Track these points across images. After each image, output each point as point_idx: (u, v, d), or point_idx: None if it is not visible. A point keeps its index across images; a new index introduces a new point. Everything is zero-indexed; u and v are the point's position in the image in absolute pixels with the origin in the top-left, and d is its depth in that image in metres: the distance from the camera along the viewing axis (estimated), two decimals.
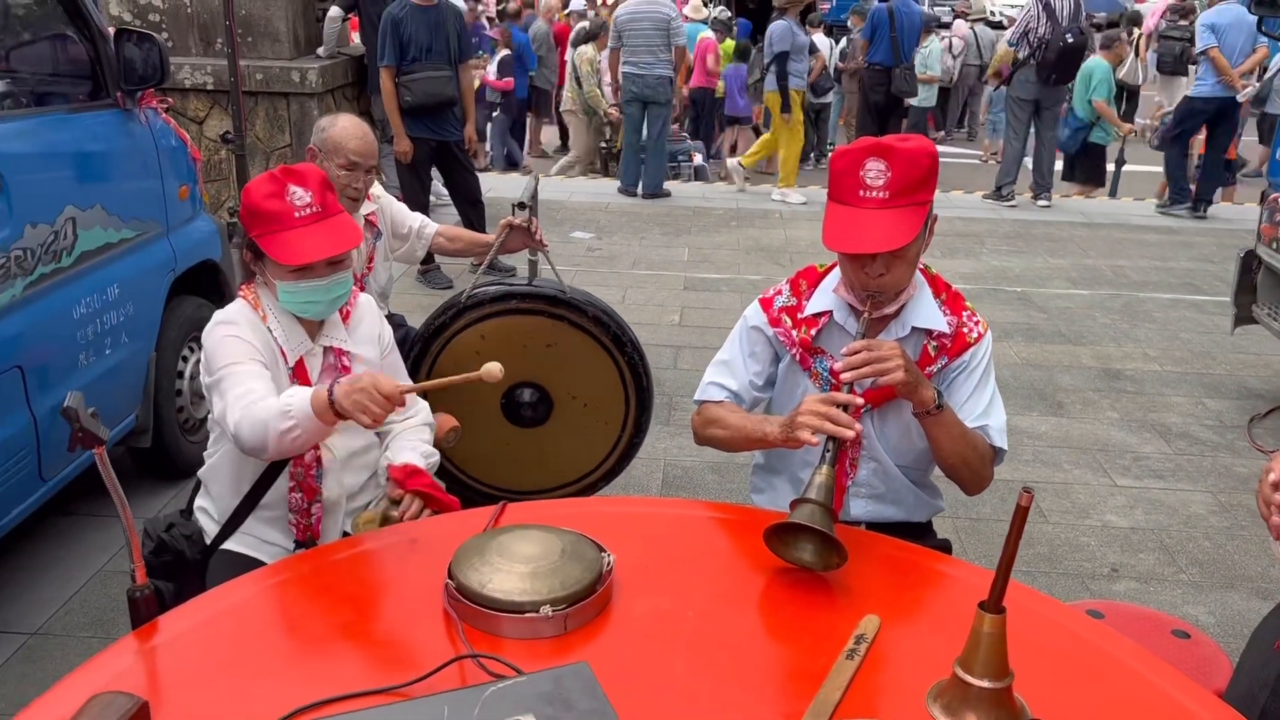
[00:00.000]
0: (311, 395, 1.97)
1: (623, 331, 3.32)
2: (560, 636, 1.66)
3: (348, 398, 1.91)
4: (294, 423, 1.99)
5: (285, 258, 2.14)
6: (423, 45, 6.20)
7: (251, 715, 1.47)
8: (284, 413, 1.99)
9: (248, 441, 2.07)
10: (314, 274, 2.19)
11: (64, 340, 3.19)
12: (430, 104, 6.22)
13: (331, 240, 2.17)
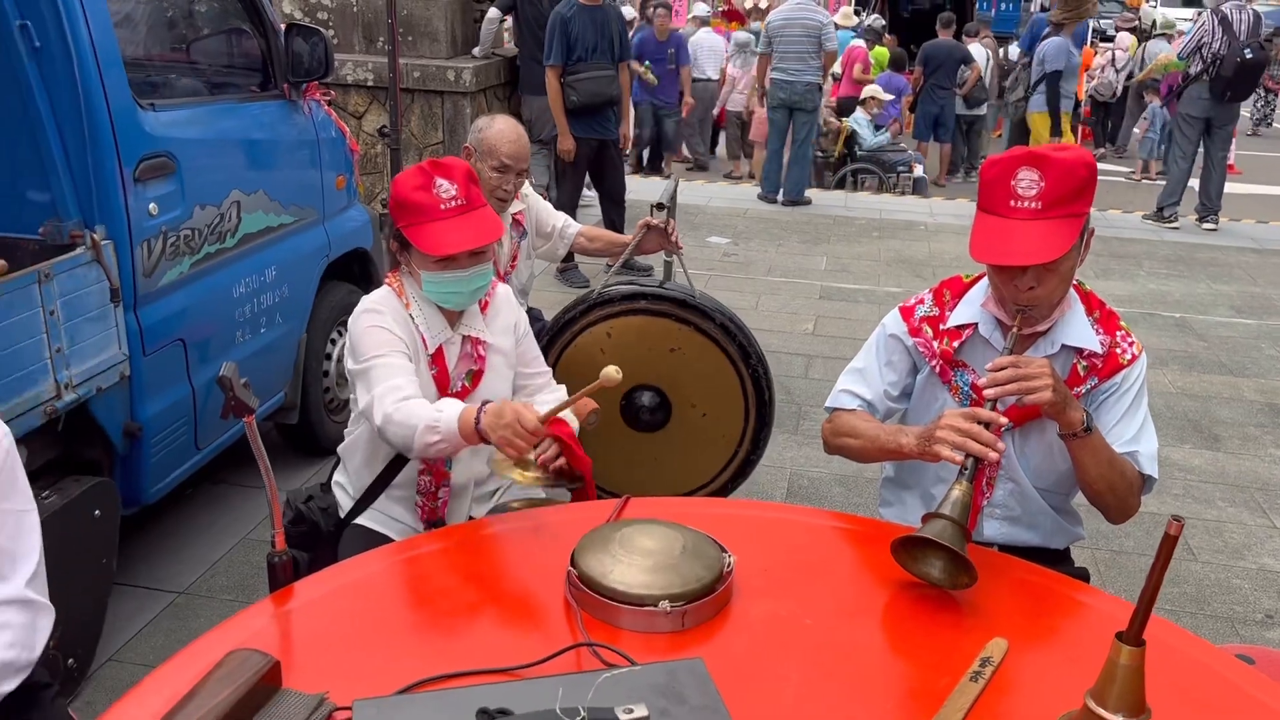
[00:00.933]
0: (460, 417, 2.04)
1: (749, 343, 3.28)
2: (677, 633, 1.66)
3: (494, 430, 1.97)
4: (440, 438, 2.07)
5: (430, 248, 2.21)
6: (589, 45, 6.34)
7: (373, 682, 1.51)
8: (431, 426, 2.06)
9: (392, 440, 2.16)
10: (457, 265, 2.25)
11: (223, 317, 3.37)
12: (595, 103, 6.37)
13: (474, 233, 2.23)
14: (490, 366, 2.40)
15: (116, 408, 2.91)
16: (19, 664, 1.64)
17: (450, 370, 2.34)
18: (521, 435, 1.95)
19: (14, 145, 2.71)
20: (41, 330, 2.55)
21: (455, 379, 2.34)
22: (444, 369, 2.33)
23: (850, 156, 10.71)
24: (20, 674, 1.65)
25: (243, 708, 1.41)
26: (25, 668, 1.66)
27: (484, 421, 1.99)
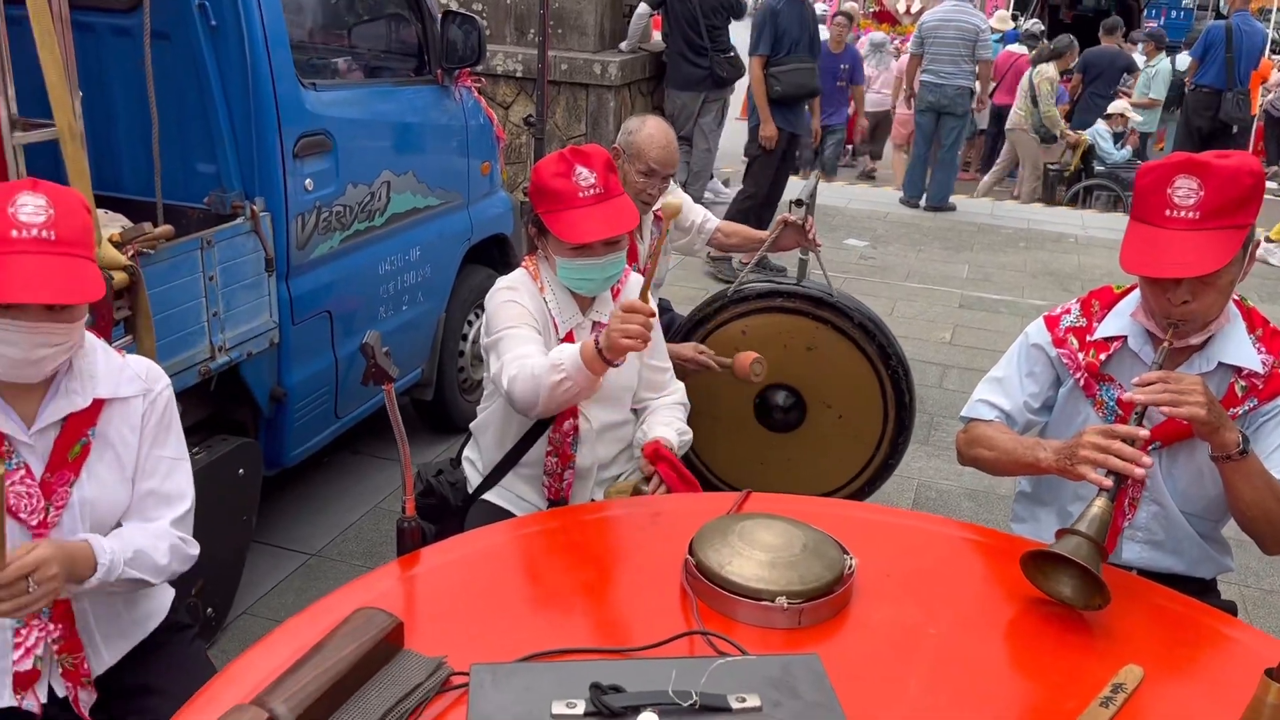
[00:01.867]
0: (580, 346, 2.08)
1: (889, 343, 3.21)
2: (792, 630, 1.64)
3: (608, 335, 2.00)
4: (564, 374, 2.08)
5: (566, 235, 2.24)
6: (794, 38, 6.46)
7: (489, 650, 1.54)
8: (555, 365, 2.10)
9: (520, 397, 2.18)
10: (591, 253, 2.27)
11: (368, 293, 3.49)
12: (797, 95, 6.51)
13: (610, 222, 2.24)
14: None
15: (265, 372, 3.05)
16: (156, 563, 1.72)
17: None
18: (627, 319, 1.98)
19: (187, 119, 2.87)
20: (201, 294, 2.69)
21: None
22: None
23: (1086, 171, 10.11)
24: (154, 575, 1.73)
25: (366, 664, 1.45)
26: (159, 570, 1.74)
27: (603, 338, 2.02)
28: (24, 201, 1.53)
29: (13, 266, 1.51)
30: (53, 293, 1.53)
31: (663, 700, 1.11)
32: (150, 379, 1.77)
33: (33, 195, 1.55)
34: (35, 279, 1.52)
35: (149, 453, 1.76)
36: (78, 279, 1.56)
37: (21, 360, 1.56)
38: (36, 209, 1.53)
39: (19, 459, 1.62)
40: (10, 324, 1.54)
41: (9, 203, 1.53)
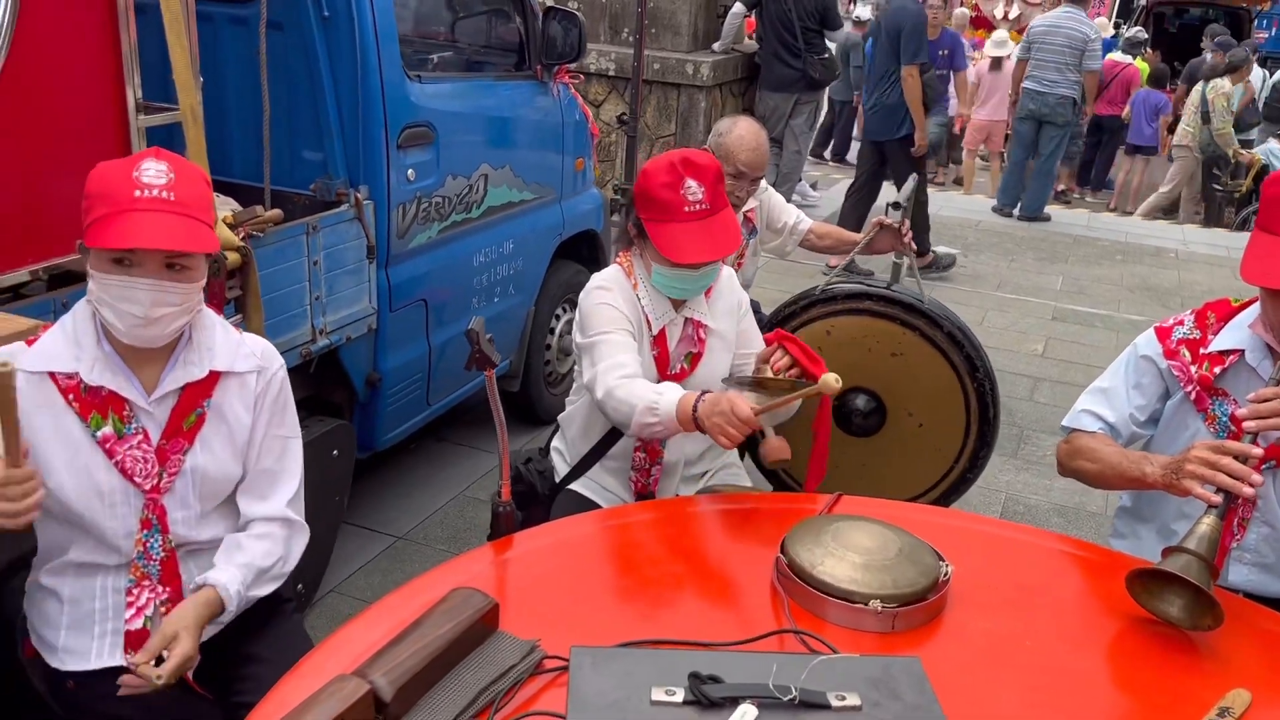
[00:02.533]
0: (678, 403, 2.03)
1: (978, 355, 3.13)
2: (885, 634, 1.62)
3: (709, 418, 1.97)
4: (657, 420, 2.07)
5: (668, 253, 2.22)
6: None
7: (581, 635, 1.55)
8: (650, 408, 2.07)
9: (611, 415, 2.19)
10: (689, 266, 2.26)
11: (462, 284, 3.55)
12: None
13: (712, 244, 2.22)
14: (709, 350, 2.41)
15: (362, 357, 3.12)
16: (274, 572, 1.79)
17: (671, 351, 2.37)
18: (734, 424, 1.94)
19: (296, 108, 2.96)
20: (305, 278, 2.76)
21: (675, 360, 2.37)
22: (665, 350, 2.37)
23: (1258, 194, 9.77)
24: (276, 581, 1.80)
25: (462, 643, 1.48)
26: (280, 577, 1.81)
27: (700, 409, 1.99)
28: (147, 166, 1.62)
29: (133, 220, 1.58)
30: (169, 241, 1.59)
31: (763, 694, 1.11)
32: (266, 358, 1.83)
33: (155, 161, 1.63)
34: (155, 229, 1.58)
35: (265, 431, 1.82)
36: (194, 233, 1.62)
37: (143, 318, 1.63)
38: (158, 172, 1.61)
39: (138, 424, 1.69)
40: (131, 280, 1.60)
41: (134, 168, 1.62)
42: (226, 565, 1.75)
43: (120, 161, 1.65)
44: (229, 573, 1.73)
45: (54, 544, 1.73)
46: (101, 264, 1.61)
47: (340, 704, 1.29)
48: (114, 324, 1.63)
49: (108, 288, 1.61)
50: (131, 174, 1.60)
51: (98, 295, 1.62)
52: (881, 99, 6.58)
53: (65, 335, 1.69)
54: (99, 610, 1.72)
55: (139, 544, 1.71)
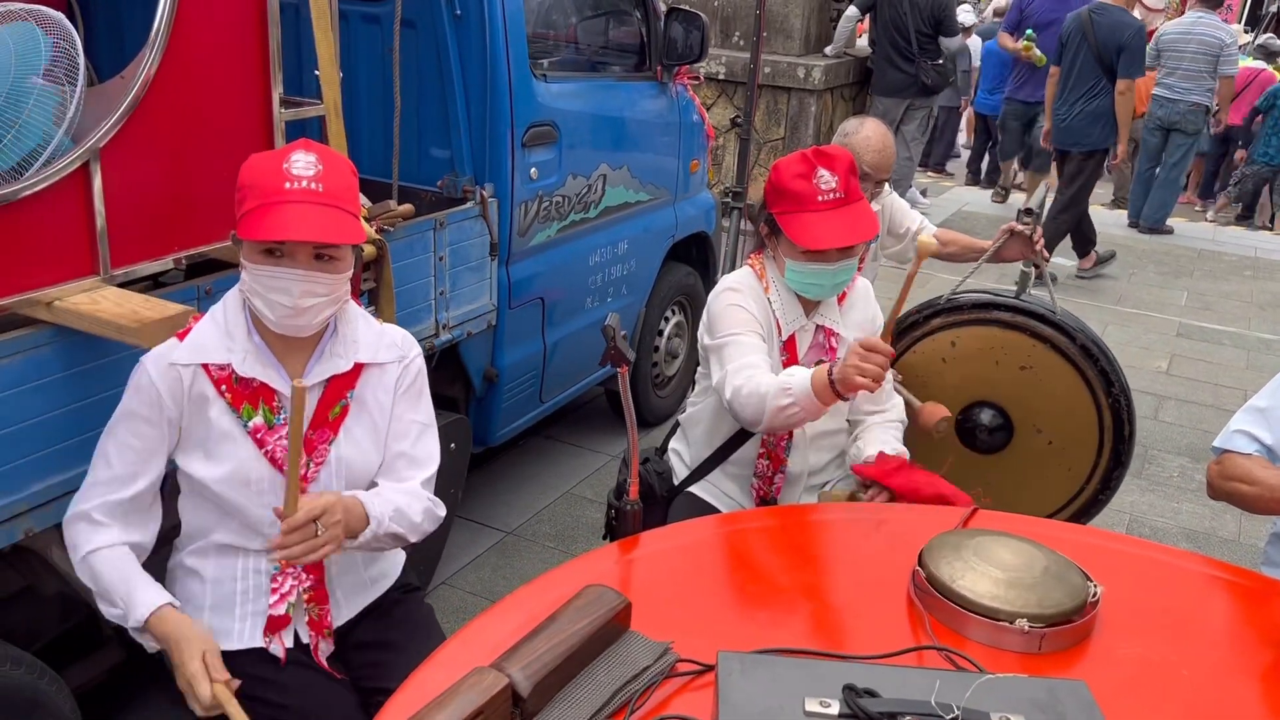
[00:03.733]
0: (812, 375, 2.00)
1: (1113, 369, 3.00)
2: (1031, 655, 1.55)
3: (842, 369, 1.93)
4: (792, 400, 2.02)
5: (802, 240, 2.18)
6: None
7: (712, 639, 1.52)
8: (783, 389, 2.02)
9: (742, 412, 2.14)
10: (824, 258, 2.21)
11: (578, 283, 3.56)
12: None
13: (848, 229, 2.17)
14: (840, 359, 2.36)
15: (480, 353, 3.15)
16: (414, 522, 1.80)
17: (800, 358, 2.33)
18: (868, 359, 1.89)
19: (425, 105, 3.00)
20: (431, 273, 2.80)
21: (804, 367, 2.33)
22: (794, 356, 2.32)
23: None
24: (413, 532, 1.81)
25: (595, 641, 1.46)
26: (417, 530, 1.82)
27: (836, 371, 1.94)
28: (297, 157, 1.65)
29: (283, 212, 1.61)
30: (317, 233, 1.62)
31: (924, 710, 1.06)
32: (406, 346, 1.85)
33: (305, 153, 1.66)
34: (304, 221, 1.61)
35: (402, 415, 1.83)
36: (342, 225, 1.64)
37: (292, 308, 1.66)
38: (308, 164, 1.63)
39: (287, 415, 1.72)
40: (281, 271, 1.63)
41: (284, 159, 1.65)
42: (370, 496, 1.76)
43: (271, 153, 1.69)
44: (372, 497, 1.74)
45: (198, 527, 1.78)
46: (253, 255, 1.65)
47: (480, 697, 1.29)
48: (264, 313, 1.67)
49: (259, 278, 1.65)
50: (282, 166, 1.63)
51: (249, 285, 1.66)
52: (1084, 108, 6.46)
53: (217, 327, 1.72)
54: (241, 591, 1.76)
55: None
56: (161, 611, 1.64)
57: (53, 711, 2.00)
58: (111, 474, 1.69)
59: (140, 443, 1.68)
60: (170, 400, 1.67)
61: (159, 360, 1.68)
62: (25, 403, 1.82)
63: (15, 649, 1.97)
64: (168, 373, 1.67)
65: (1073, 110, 6.49)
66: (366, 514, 1.70)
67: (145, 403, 1.67)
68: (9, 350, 1.79)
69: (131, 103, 1.89)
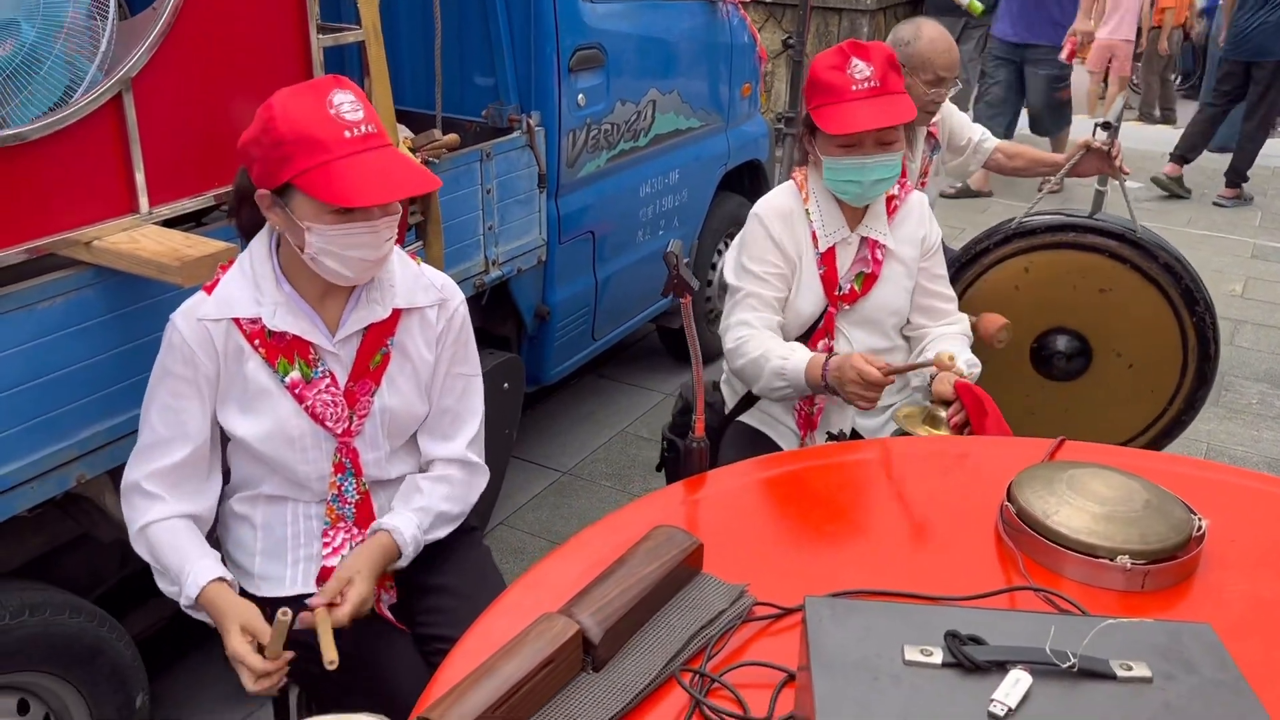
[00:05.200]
0: (807, 365, 2.04)
1: (1197, 287, 2.86)
2: (1131, 593, 1.45)
3: (842, 387, 1.98)
4: (785, 384, 2.08)
5: (833, 127, 2.08)
6: None
7: (791, 582, 1.44)
8: (778, 371, 2.07)
9: (737, 370, 2.19)
10: (860, 150, 2.10)
11: (628, 215, 3.44)
12: None
13: (881, 113, 2.07)
14: (887, 275, 2.23)
15: (531, 289, 3.06)
16: (452, 515, 1.74)
17: (840, 272, 2.21)
18: (867, 391, 1.94)
19: (468, 32, 2.88)
20: (479, 207, 2.70)
21: (844, 281, 2.21)
22: (833, 269, 2.21)
23: None
24: (451, 524, 1.75)
25: (667, 584, 1.38)
26: (456, 519, 1.76)
27: (830, 365, 2.00)
28: (340, 100, 1.51)
29: (359, 167, 1.49)
30: (406, 185, 1.53)
31: (1038, 659, 0.97)
32: (446, 290, 1.75)
33: (343, 92, 1.52)
34: (387, 177, 1.50)
35: (448, 370, 1.75)
36: (415, 170, 1.56)
37: (374, 260, 1.57)
38: (354, 105, 1.52)
39: (324, 367, 1.64)
40: (357, 228, 1.53)
41: (326, 102, 1.50)
42: (404, 510, 1.70)
43: (305, 95, 1.52)
44: (405, 518, 1.68)
45: (247, 477, 1.71)
46: (319, 214, 1.51)
47: (549, 645, 1.21)
48: (339, 272, 1.56)
49: (332, 239, 1.52)
50: (328, 112, 1.49)
51: (319, 247, 1.53)
52: (1267, 17, 6.19)
53: (245, 278, 1.62)
54: (291, 536, 1.70)
55: (333, 487, 1.67)
56: (209, 589, 1.58)
57: (114, 658, 1.98)
58: (156, 437, 1.62)
59: (180, 403, 1.60)
60: (204, 357, 1.59)
61: (188, 316, 1.59)
62: (69, 346, 1.77)
63: (75, 597, 1.95)
64: (198, 329, 1.58)
65: (1255, 19, 6.23)
66: (399, 549, 1.67)
67: (179, 360, 1.59)
68: (50, 293, 1.73)
69: (162, 30, 1.80)
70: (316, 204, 1.50)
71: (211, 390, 1.61)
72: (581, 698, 1.23)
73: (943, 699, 0.95)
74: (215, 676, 2.57)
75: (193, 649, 2.64)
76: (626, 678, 1.26)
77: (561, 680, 1.23)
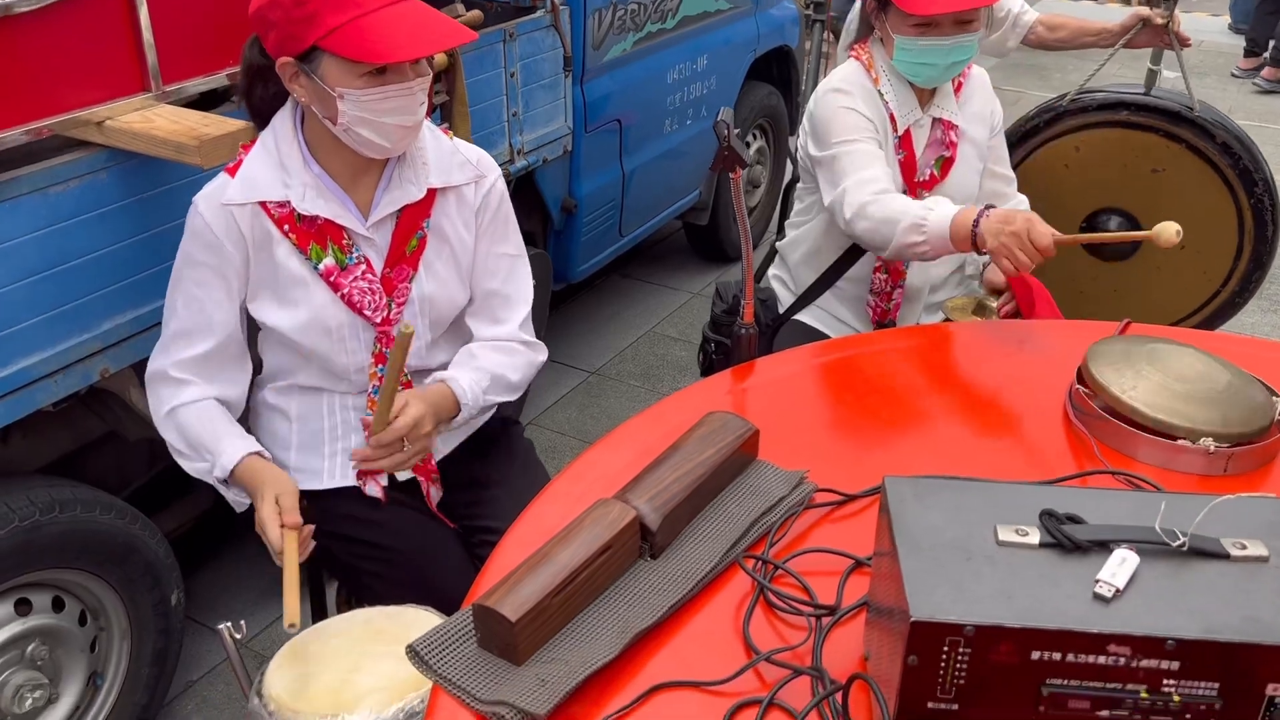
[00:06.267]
0: (953, 219, 1.77)
1: (1256, 166, 2.74)
2: (1212, 477, 1.38)
3: (995, 236, 1.71)
4: (924, 239, 1.82)
5: (915, 6, 1.92)
6: None
7: (850, 471, 1.37)
8: (917, 225, 1.82)
9: (862, 235, 1.94)
10: (939, 31, 1.95)
11: (655, 103, 3.30)
12: None
13: None
14: (961, 156, 2.11)
15: (557, 181, 2.94)
16: (512, 382, 1.66)
17: (918, 157, 2.09)
18: (1026, 250, 1.68)
19: None
20: (502, 91, 2.57)
21: (923, 166, 2.09)
22: (911, 155, 2.09)
23: None
24: (511, 392, 1.67)
25: (723, 471, 1.32)
26: (516, 388, 1.68)
27: (983, 225, 1.73)
28: None
29: (390, 20, 1.39)
30: (441, 37, 1.42)
31: (1146, 538, 0.90)
32: (482, 166, 1.65)
33: None
34: (421, 29, 1.40)
35: (489, 250, 1.65)
36: (448, 22, 1.44)
37: (411, 126, 1.47)
38: None
39: (359, 253, 1.55)
40: (393, 89, 1.42)
41: None
42: (462, 369, 1.61)
43: None
44: (464, 374, 1.59)
45: (279, 368, 1.64)
46: (352, 79, 1.40)
47: (607, 531, 1.15)
48: (375, 142, 1.45)
49: (367, 104, 1.42)
50: None
51: (353, 115, 1.42)
52: None
53: (269, 158, 1.51)
54: (328, 429, 1.63)
55: (374, 378, 1.59)
56: (247, 461, 1.52)
57: (147, 556, 1.95)
58: (181, 326, 1.53)
59: (205, 291, 1.51)
60: (230, 243, 1.49)
61: (211, 200, 1.49)
62: (86, 234, 1.69)
63: (106, 495, 1.90)
64: (221, 214, 1.48)
65: None
66: (456, 400, 1.57)
67: (203, 246, 1.49)
68: (63, 176, 1.64)
69: None
70: (348, 65, 1.39)
71: (239, 279, 1.52)
72: (640, 585, 1.17)
73: (1044, 580, 0.88)
74: (248, 576, 2.56)
75: (225, 549, 2.62)
76: (686, 565, 1.20)
77: (620, 567, 1.18)
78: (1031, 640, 0.84)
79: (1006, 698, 0.86)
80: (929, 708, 0.87)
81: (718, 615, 1.16)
